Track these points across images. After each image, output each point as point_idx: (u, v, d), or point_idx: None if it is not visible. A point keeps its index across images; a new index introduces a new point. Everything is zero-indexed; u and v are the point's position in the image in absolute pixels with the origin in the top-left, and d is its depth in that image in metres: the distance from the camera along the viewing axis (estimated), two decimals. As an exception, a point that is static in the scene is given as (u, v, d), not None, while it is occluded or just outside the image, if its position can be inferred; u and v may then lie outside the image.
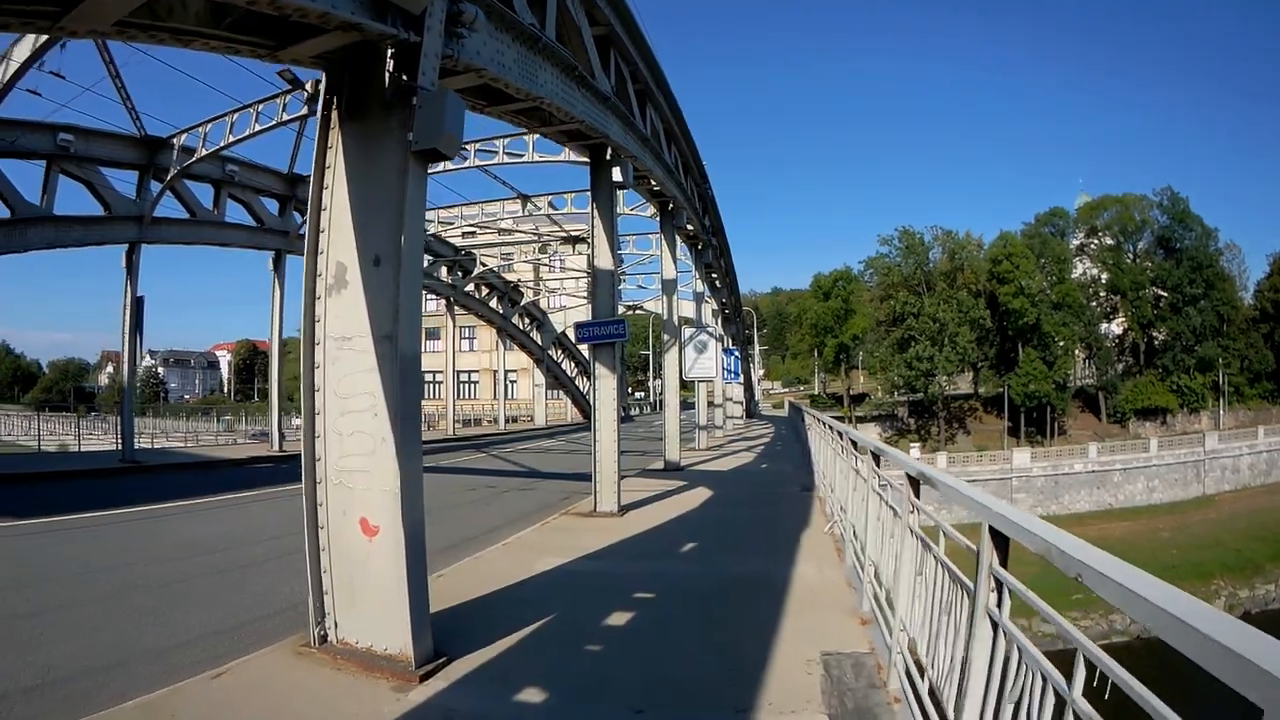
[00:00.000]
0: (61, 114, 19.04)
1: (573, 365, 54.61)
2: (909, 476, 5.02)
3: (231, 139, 20.65)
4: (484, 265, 39.39)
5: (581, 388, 55.54)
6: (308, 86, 17.47)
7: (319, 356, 6.39)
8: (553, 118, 11.45)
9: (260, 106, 19.94)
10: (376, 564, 5.98)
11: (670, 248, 21.92)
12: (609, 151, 13.99)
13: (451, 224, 33.22)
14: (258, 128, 19.95)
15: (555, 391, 56.00)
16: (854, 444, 8.87)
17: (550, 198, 29.74)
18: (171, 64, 42.96)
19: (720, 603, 7.61)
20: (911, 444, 73.27)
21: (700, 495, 15.38)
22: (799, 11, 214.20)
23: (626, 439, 33.25)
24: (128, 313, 21.92)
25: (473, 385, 66.65)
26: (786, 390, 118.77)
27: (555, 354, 52.26)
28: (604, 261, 13.91)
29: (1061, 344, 78.72)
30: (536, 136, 20.59)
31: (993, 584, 3.16)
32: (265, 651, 6.16)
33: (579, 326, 14.27)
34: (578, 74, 10.84)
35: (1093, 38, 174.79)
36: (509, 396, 56.63)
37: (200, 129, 21.19)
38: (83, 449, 30.39)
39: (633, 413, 73.77)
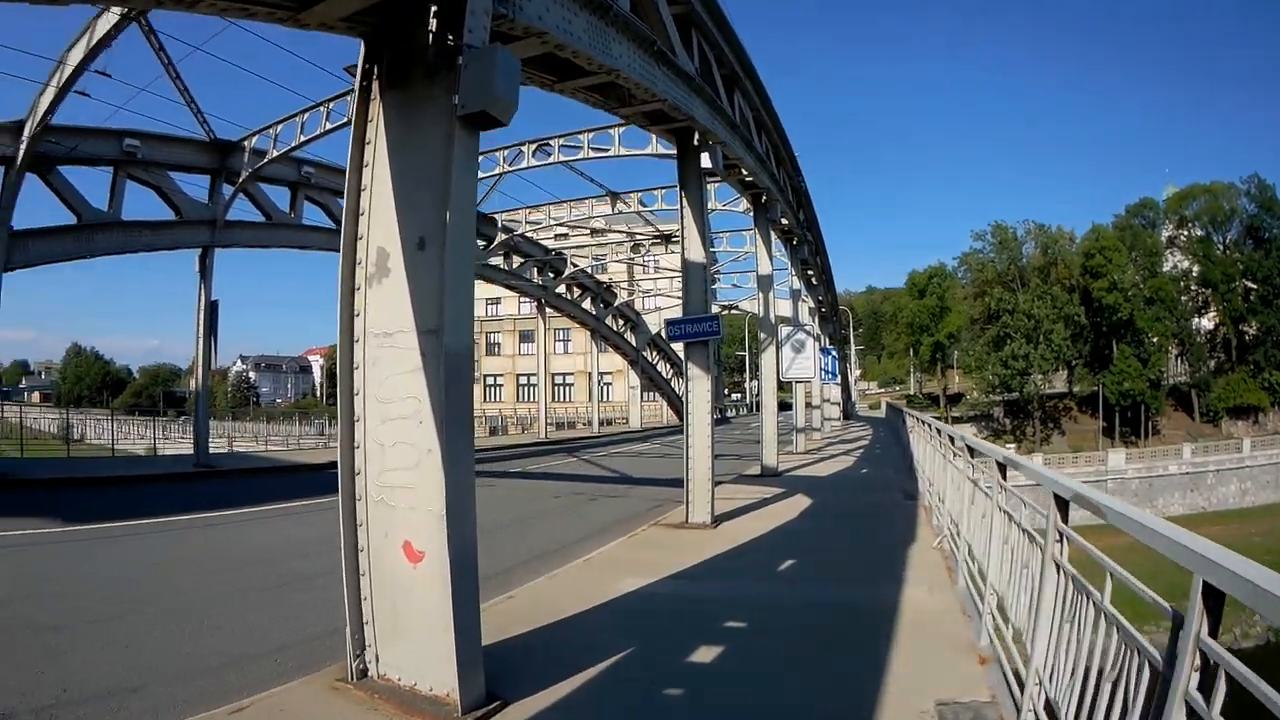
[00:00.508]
0: (119, 117, 19.06)
1: (668, 367, 53.67)
2: (1056, 498, 3.99)
3: (302, 139, 20.52)
4: (574, 266, 38.84)
5: (677, 389, 54.42)
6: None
7: (358, 356, 5.65)
8: (632, 96, 10.68)
9: (331, 104, 19.83)
10: (421, 594, 5.20)
11: (765, 242, 20.87)
12: (696, 137, 13.14)
13: (540, 224, 32.74)
14: (328, 126, 19.74)
15: (651, 393, 55.46)
16: (970, 451, 7.80)
17: (640, 194, 28.97)
18: (233, 61, 43.62)
19: (818, 635, 6.63)
20: (1007, 444, 70.51)
21: (798, 504, 14.36)
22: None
23: (722, 441, 32.18)
24: (202, 316, 21.81)
25: (568, 388, 66.65)
26: (883, 390, 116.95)
27: (650, 355, 51.51)
28: (695, 254, 12.98)
29: (1155, 340, 75.72)
30: (622, 130, 20.26)
31: (1198, 661, 2.25)
32: (297, 684, 5.49)
33: (670, 324, 13.40)
34: (656, 49, 9.99)
35: (1163, 30, 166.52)
36: (604, 399, 56.33)
37: (271, 130, 21.09)
38: (166, 453, 30.90)
39: (729, 414, 72.88)
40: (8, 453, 27.59)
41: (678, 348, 19.79)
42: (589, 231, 39.14)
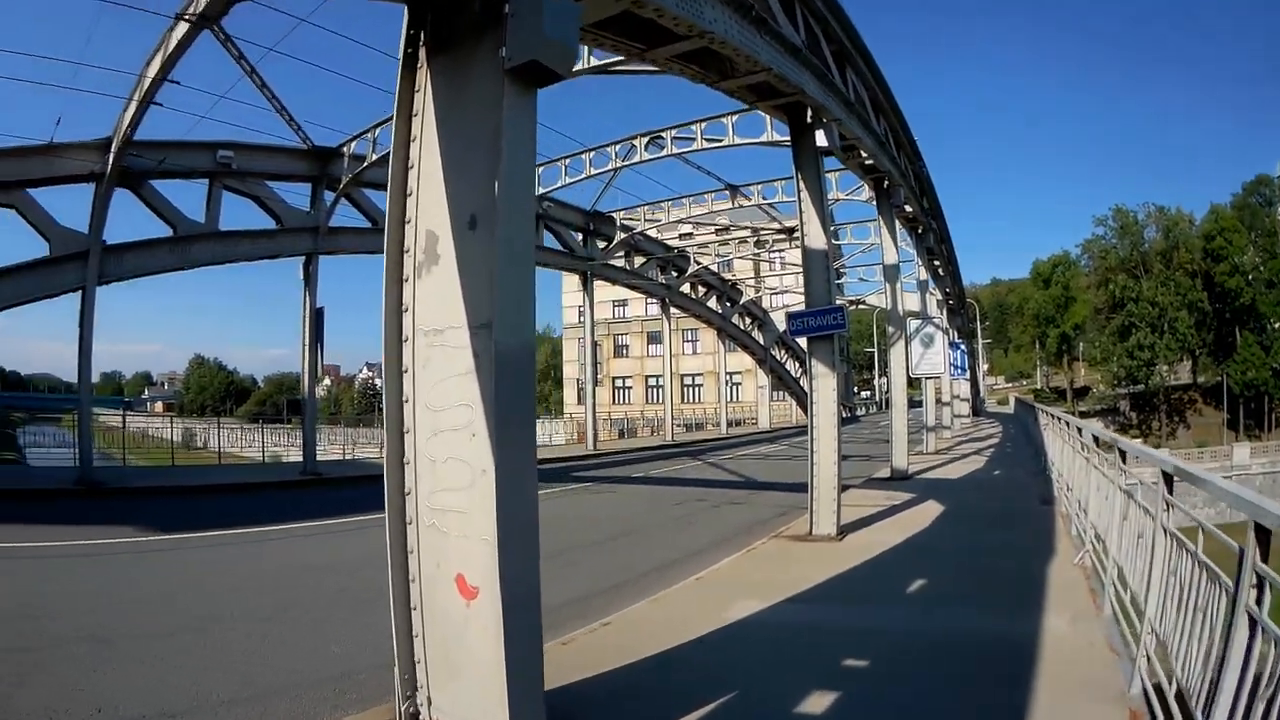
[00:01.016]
0: (204, 127, 18.97)
1: (796, 365, 51.83)
2: (1258, 528, 2.87)
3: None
4: (698, 264, 37.97)
5: (805, 386, 53.36)
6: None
7: (406, 357, 4.86)
8: (734, 67, 9.72)
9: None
10: (475, 635, 4.37)
11: (890, 230, 19.56)
12: (808, 114, 12.05)
13: (659, 222, 32.05)
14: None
15: (780, 393, 54.23)
16: (1122, 455, 6.55)
17: (760, 186, 27.93)
18: (316, 63, 44.30)
19: (946, 679, 5.55)
20: (1133, 439, 66.35)
21: (929, 512, 13.09)
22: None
23: (852, 441, 30.70)
24: (307, 324, 21.85)
25: (697, 389, 65.94)
26: (1010, 385, 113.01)
27: (778, 354, 50.15)
28: (816, 240, 11.88)
29: (1277, 326, 70.81)
30: (736, 119, 19.67)
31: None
32: (343, 724, 4.81)
33: (791, 318, 12.26)
34: (755, 15, 9.01)
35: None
36: (732, 399, 55.35)
37: (369, 134, 20.99)
38: (287, 459, 31.34)
39: (859, 413, 71.32)
40: (118, 460, 28.19)
41: (802, 344, 18.63)
42: (713, 230, 38.31)
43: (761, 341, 47.07)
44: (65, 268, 18.41)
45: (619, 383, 72.50)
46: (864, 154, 15.87)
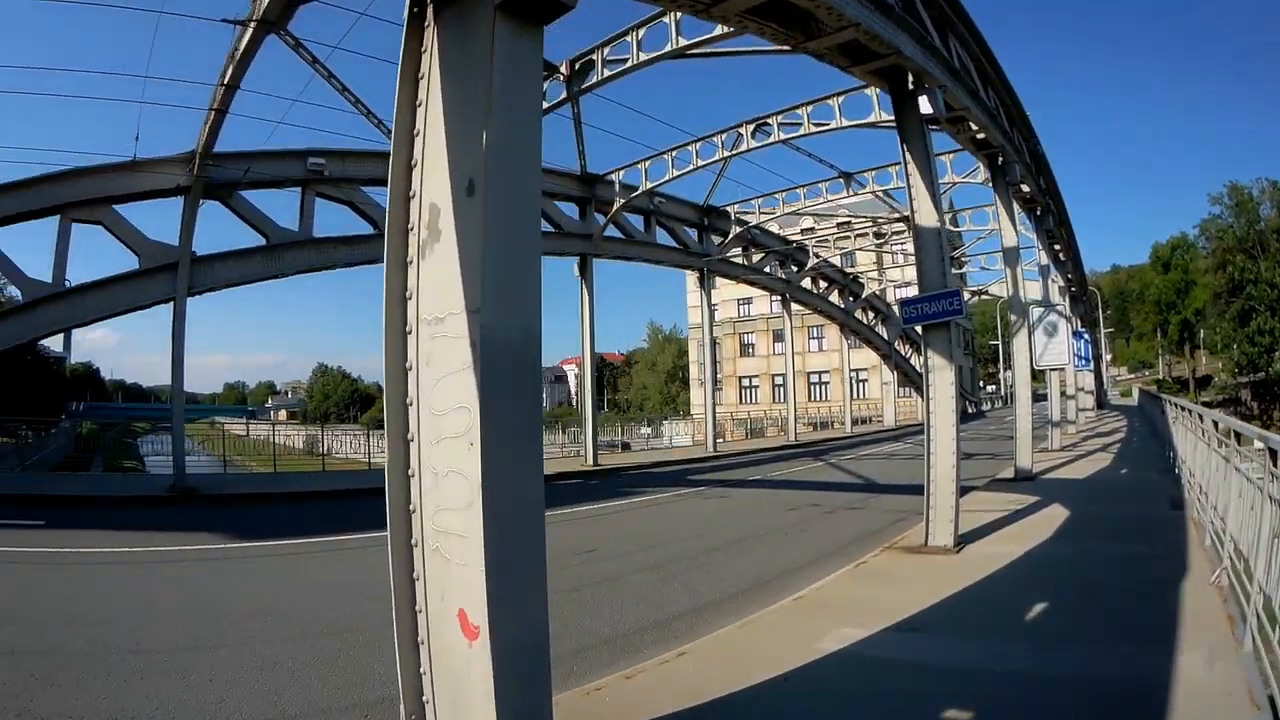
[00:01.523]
0: (283, 133, 19.05)
1: (922, 360, 49.88)
2: None
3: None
4: (817, 256, 36.63)
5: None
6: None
7: (410, 353, 4.15)
8: (818, 24, 8.79)
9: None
10: (476, 682, 3.62)
11: (1007, 210, 18.08)
12: (909, 80, 10.92)
13: (773, 213, 31.01)
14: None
15: (905, 389, 52.10)
16: (1273, 455, 5.15)
17: (873, 173, 26.64)
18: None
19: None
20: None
21: (1053, 518, 11.72)
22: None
23: (975, 439, 29.06)
24: None
25: (823, 386, 64.21)
26: (1133, 376, 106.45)
27: (903, 349, 48.24)
28: (926, 218, 10.74)
29: None
30: (841, 99, 18.95)
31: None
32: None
33: (904, 305, 11.13)
34: (834, -34, 8.02)
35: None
36: (858, 396, 53.76)
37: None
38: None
39: (984, 407, 68.49)
40: (235, 466, 28.65)
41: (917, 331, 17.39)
42: (832, 222, 37.03)
43: (885, 336, 45.34)
44: (155, 279, 18.79)
45: (745, 382, 71.46)
46: (974, 126, 14.59)
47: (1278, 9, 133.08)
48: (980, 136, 15.43)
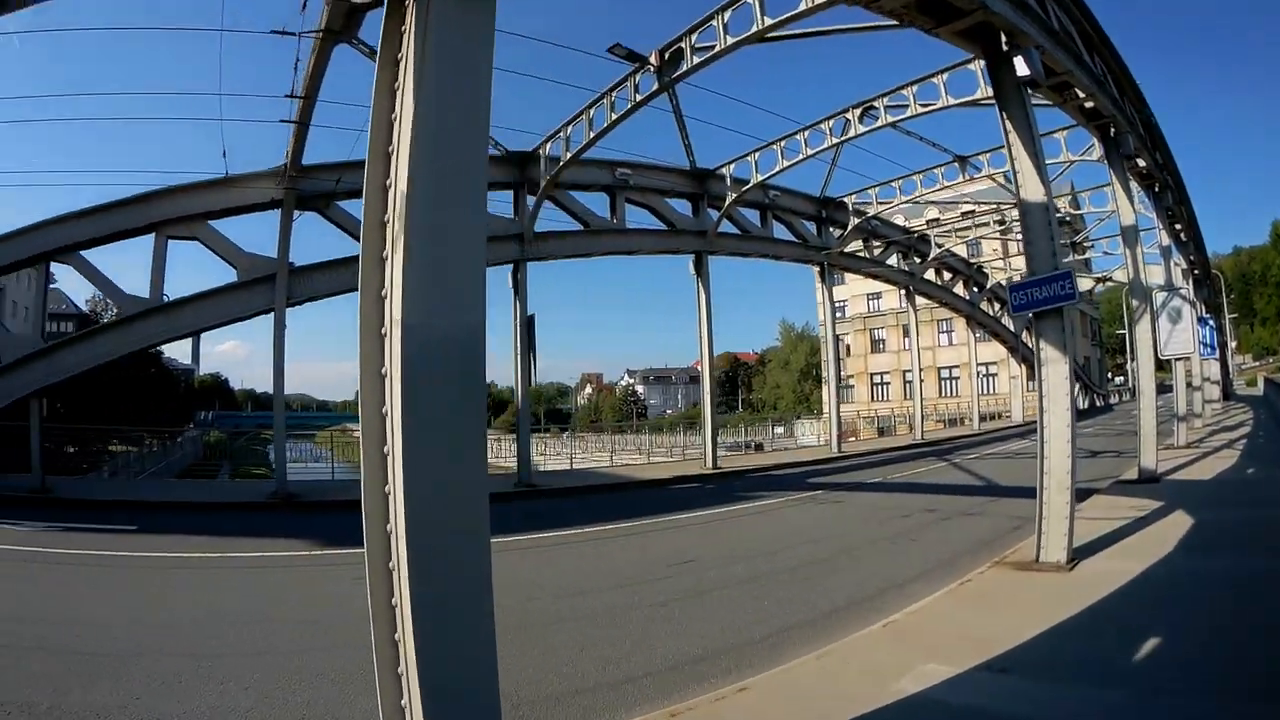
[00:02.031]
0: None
1: (1034, 351, 47.23)
2: None
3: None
4: (938, 246, 35.01)
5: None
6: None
7: (387, 355, 3.75)
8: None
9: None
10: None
11: (1123, 185, 16.51)
12: (1003, 41, 9.92)
13: (890, 203, 29.66)
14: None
15: (1034, 383, 49.21)
16: None
17: (988, 155, 25.16)
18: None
19: None
20: None
21: (1178, 528, 10.42)
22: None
23: (1101, 433, 27.38)
24: (518, 332, 21.84)
25: (953, 382, 61.79)
26: (1257, 364, 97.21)
27: (1030, 340, 45.14)
28: (1032, 191, 9.66)
29: None
30: (947, 76, 18.22)
31: None
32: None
33: (1012, 290, 9.94)
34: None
35: None
36: (987, 391, 51.81)
37: (561, 134, 20.87)
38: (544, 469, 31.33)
39: (1111, 400, 64.92)
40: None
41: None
42: (958, 212, 35.40)
43: (1012, 328, 42.96)
44: (254, 291, 19.16)
45: (876, 379, 69.63)
46: (1080, 94, 13.32)
47: None
48: (1089, 105, 14.09)
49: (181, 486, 22.20)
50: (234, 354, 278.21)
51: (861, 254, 32.71)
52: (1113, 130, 15.50)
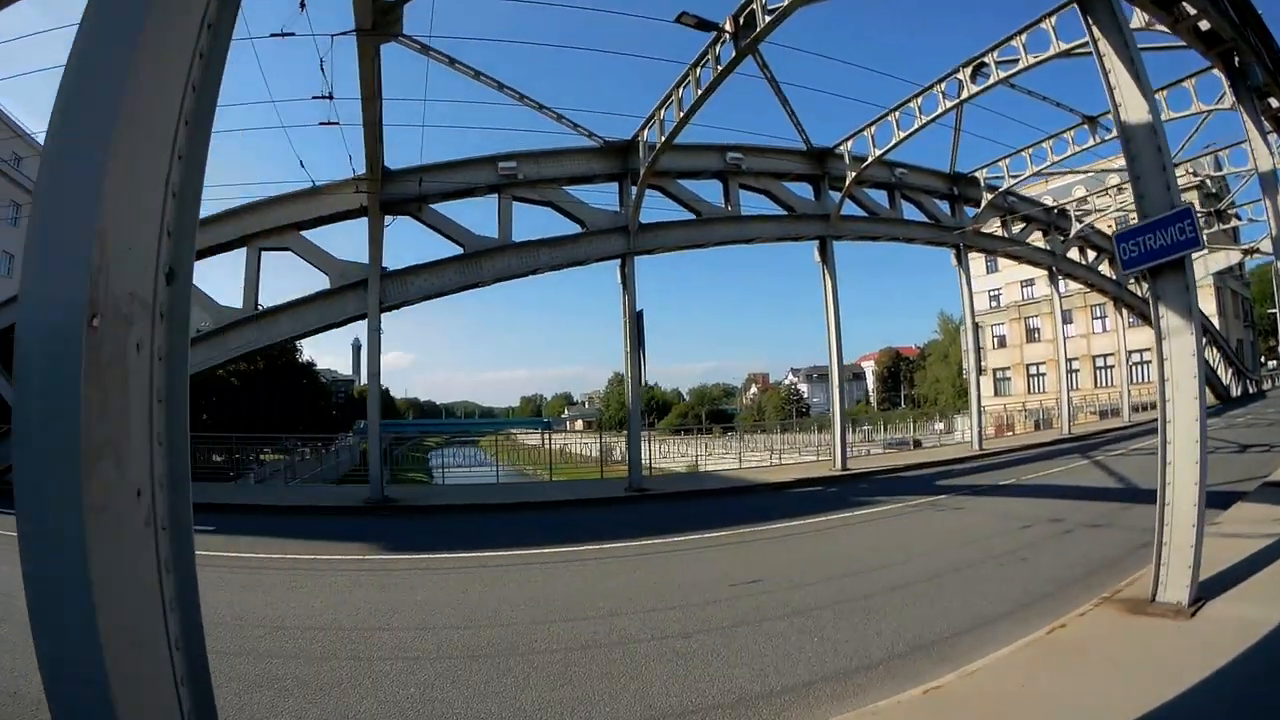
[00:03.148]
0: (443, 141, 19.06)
1: (1152, 321, 41.94)
2: None
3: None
4: (1080, 221, 31.18)
5: (1210, 360, 43.23)
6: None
7: None
8: None
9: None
10: None
11: (1254, 123, 13.40)
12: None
13: (1021, 175, 26.50)
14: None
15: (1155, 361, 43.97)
16: None
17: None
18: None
19: None
20: None
21: None
22: None
23: (1255, 423, 25.40)
24: (627, 328, 20.23)
25: (1108, 371, 56.21)
26: None
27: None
28: (1134, 110, 7.26)
29: None
30: (1055, 19, 16.31)
31: None
32: None
33: (1119, 241, 7.35)
34: None
35: None
36: (1140, 380, 47.65)
37: (656, 117, 18.97)
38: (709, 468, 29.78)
39: (1265, 387, 57.08)
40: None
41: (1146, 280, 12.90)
42: (1087, 177, 31.64)
43: None
44: (346, 297, 18.91)
45: (1031, 369, 64.42)
46: (1191, 9, 10.73)
47: None
48: (1204, 27, 11.43)
49: (294, 491, 22.19)
50: (397, 363, 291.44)
51: (999, 233, 29.44)
52: (1236, 59, 12.68)
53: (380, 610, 8.21)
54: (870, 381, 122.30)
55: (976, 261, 62.56)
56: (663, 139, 18.45)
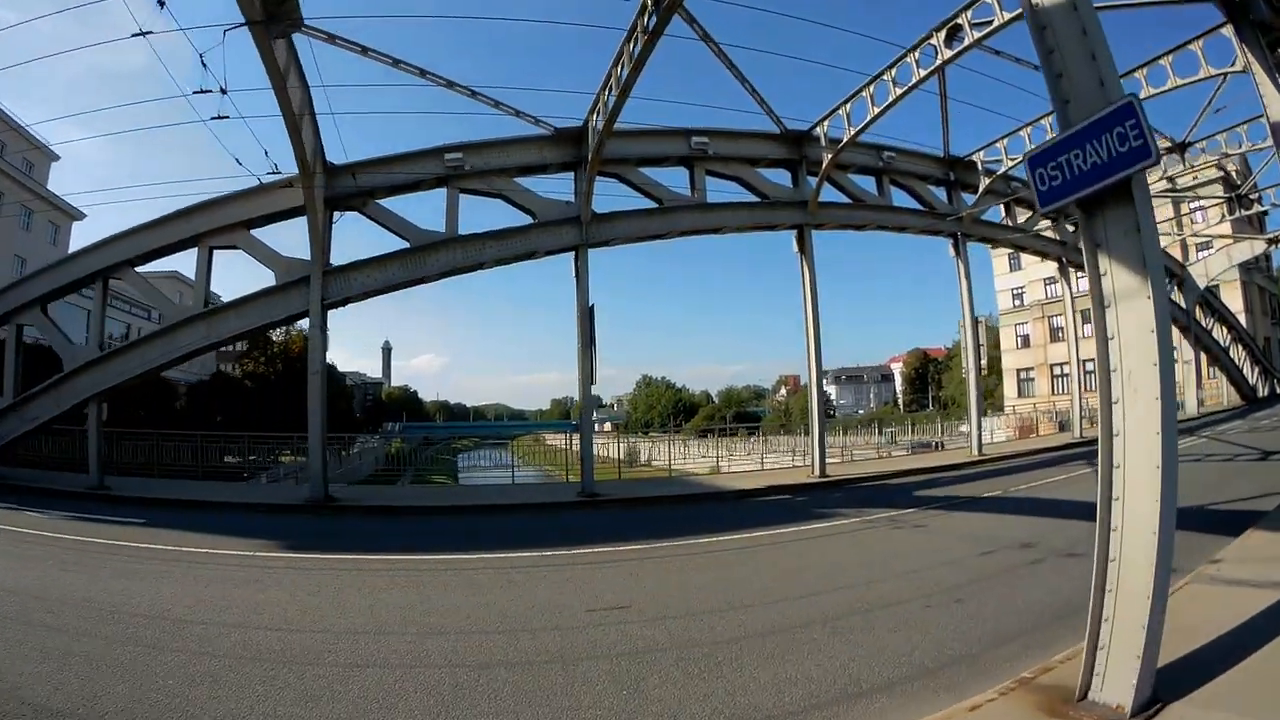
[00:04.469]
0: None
1: (1225, 332, 39.52)
2: None
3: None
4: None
5: (1235, 358, 40.25)
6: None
7: None
8: None
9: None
10: None
11: (1263, 67, 11.12)
12: None
13: (1018, 159, 23.58)
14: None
15: (1214, 370, 41.68)
16: None
17: (1144, 70, 19.24)
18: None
19: None
20: None
21: None
22: None
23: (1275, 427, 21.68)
24: (579, 324, 18.62)
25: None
26: None
27: (1204, 319, 37.94)
28: None
29: None
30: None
31: None
32: None
33: (1033, 165, 4.81)
34: None
35: None
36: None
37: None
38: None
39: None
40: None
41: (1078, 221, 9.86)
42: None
43: (1183, 304, 35.36)
44: (290, 294, 18.39)
45: (1056, 370, 61.01)
46: None
47: None
48: None
49: (231, 489, 20.87)
50: (429, 366, 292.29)
51: (1005, 221, 26.79)
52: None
53: (218, 605, 7.91)
54: (899, 383, 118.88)
55: (999, 259, 60.09)
56: (604, 123, 16.87)
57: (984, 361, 60.70)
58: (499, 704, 5.23)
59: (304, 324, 20.53)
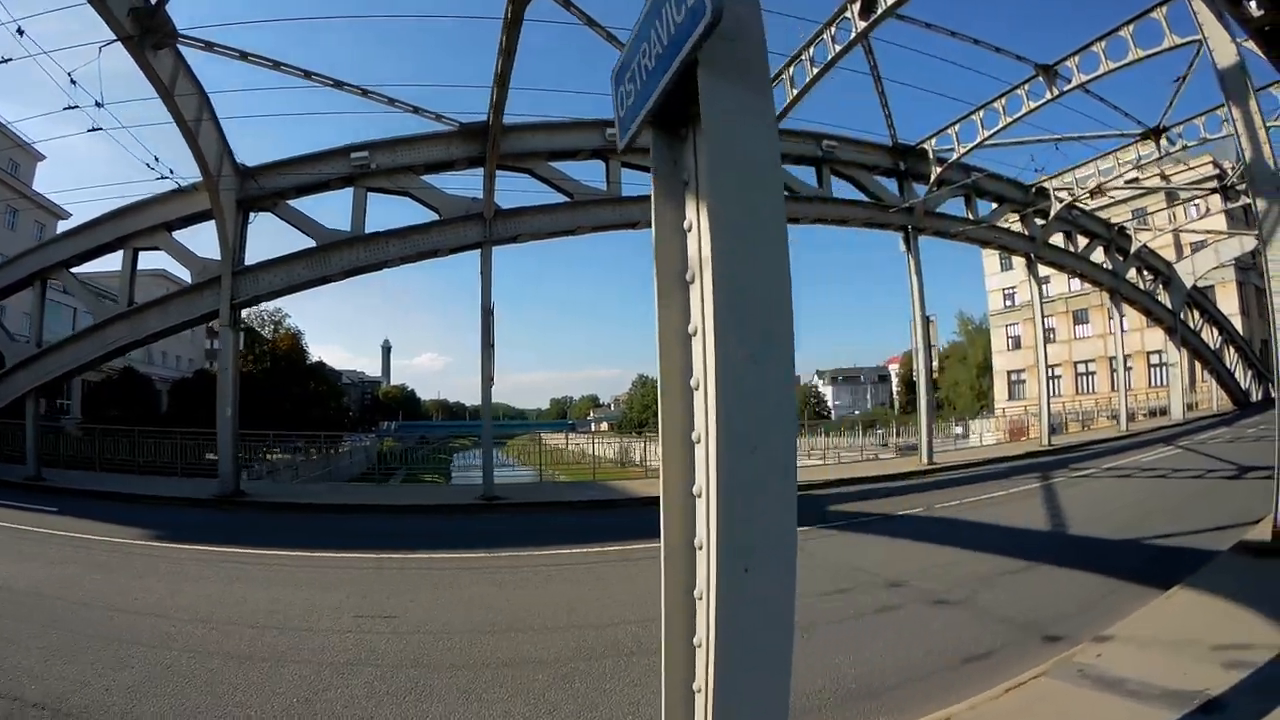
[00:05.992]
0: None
1: (1214, 333, 37.68)
2: None
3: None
4: (1060, 201, 25.72)
5: (1228, 361, 38.41)
6: None
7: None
8: None
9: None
10: None
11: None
12: None
13: (971, 145, 21.60)
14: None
15: (1206, 374, 39.76)
16: None
17: (1076, 57, 17.62)
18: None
19: None
20: None
21: None
22: None
23: (1265, 438, 18.43)
24: (481, 325, 18.14)
25: (1129, 374, 50.52)
26: None
27: (1192, 320, 35.97)
28: None
29: None
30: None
31: None
32: None
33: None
34: None
35: None
36: (1158, 383, 43.19)
37: None
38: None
39: None
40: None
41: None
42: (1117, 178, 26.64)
43: (1168, 304, 33.41)
44: (204, 294, 18.41)
45: (1050, 372, 58.74)
46: None
47: None
48: None
49: (164, 484, 20.04)
50: (430, 366, 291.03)
51: (966, 215, 24.71)
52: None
53: (53, 581, 8.40)
54: (895, 385, 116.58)
55: (990, 259, 57.81)
56: (492, 115, 16.43)
57: (999, 364, 59.16)
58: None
59: (291, 321, 20.27)
